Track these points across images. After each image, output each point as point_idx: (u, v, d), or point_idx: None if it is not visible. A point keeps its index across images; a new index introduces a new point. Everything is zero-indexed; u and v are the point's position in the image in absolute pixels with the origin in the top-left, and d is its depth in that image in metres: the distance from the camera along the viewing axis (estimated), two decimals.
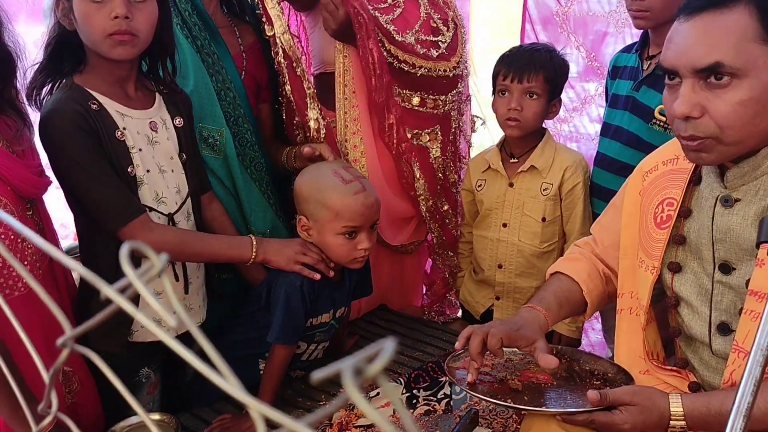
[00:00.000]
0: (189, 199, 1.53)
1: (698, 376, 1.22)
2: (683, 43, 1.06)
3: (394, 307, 2.11)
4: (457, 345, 1.26)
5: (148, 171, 1.43)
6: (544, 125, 1.90)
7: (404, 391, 1.64)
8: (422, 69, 1.81)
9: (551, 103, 1.82)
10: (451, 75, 1.88)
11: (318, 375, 0.32)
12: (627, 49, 1.91)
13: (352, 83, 1.82)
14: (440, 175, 1.97)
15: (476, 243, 1.98)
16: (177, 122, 1.50)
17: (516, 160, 1.88)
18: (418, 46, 1.82)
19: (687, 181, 1.21)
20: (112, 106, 1.38)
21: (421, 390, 1.66)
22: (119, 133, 1.38)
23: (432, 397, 1.64)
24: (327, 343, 1.69)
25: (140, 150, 1.41)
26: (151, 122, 1.45)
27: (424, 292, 2.23)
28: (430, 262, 2.19)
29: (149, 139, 1.44)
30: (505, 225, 1.88)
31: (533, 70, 1.77)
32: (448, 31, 1.90)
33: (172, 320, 0.38)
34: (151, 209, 1.44)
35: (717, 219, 1.14)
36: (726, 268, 1.14)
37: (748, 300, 1.07)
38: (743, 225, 1.10)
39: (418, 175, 1.90)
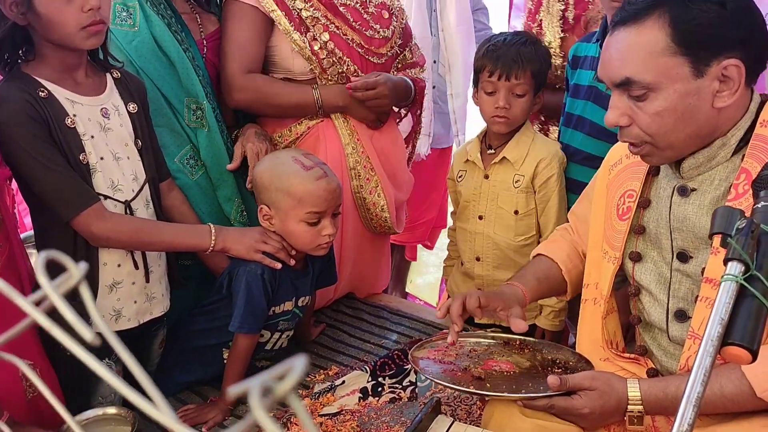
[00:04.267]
0: (147, 186, 1.50)
1: (657, 362, 1.23)
2: (605, 57, 1.11)
3: (362, 295, 2.10)
4: (438, 315, 1.32)
5: (101, 158, 1.40)
6: None
7: (370, 379, 1.64)
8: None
9: (536, 96, 1.79)
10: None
11: (233, 391, 0.31)
12: (587, 39, 1.89)
13: None
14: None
15: (458, 234, 1.96)
16: (131, 108, 1.47)
17: (493, 152, 1.84)
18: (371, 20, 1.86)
19: (646, 173, 1.22)
20: (61, 94, 1.35)
21: (387, 378, 1.65)
22: (69, 120, 1.35)
23: (397, 385, 1.63)
24: (291, 332, 1.68)
25: (92, 137, 1.38)
26: (102, 108, 1.41)
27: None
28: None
29: (101, 125, 1.40)
30: (481, 217, 1.85)
31: (521, 67, 1.71)
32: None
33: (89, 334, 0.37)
34: (107, 197, 1.41)
35: (674, 208, 1.15)
36: (683, 257, 1.15)
37: (704, 287, 1.08)
38: (699, 214, 1.12)
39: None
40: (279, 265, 1.49)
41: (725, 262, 0.78)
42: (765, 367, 1.00)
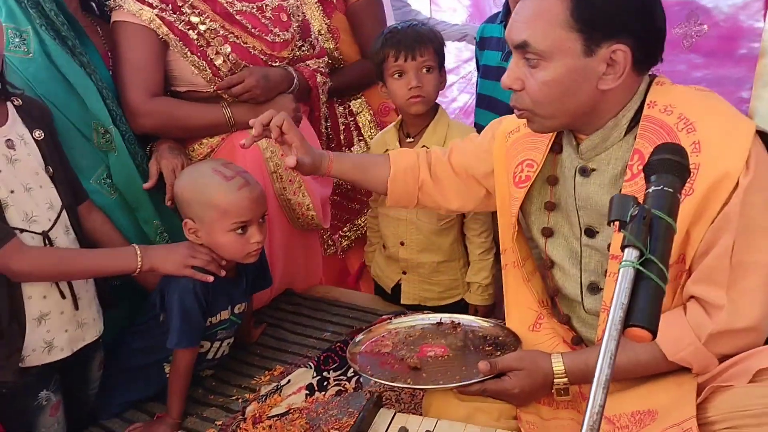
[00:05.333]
0: (64, 213, 1.46)
1: (577, 331, 1.31)
2: (512, 20, 1.16)
3: (299, 289, 2.12)
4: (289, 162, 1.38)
5: (12, 192, 1.36)
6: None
7: (315, 375, 1.67)
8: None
9: (440, 72, 1.84)
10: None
11: None
12: (491, 20, 1.94)
13: None
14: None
15: (381, 221, 2.00)
16: (37, 135, 1.42)
17: (412, 140, 1.88)
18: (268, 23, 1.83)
19: (548, 146, 1.28)
20: None
21: (331, 371, 1.69)
22: None
23: (342, 377, 1.67)
24: (232, 339, 1.68)
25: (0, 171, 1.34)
26: (7, 140, 1.37)
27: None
28: None
29: (8, 158, 1.36)
30: None
31: (424, 44, 1.77)
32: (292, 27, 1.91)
33: None
34: (23, 230, 1.37)
35: (578, 188, 1.22)
36: (590, 232, 1.23)
37: (611, 263, 1.16)
38: (600, 193, 1.19)
39: None
40: (211, 279, 1.49)
41: (622, 248, 0.83)
42: (674, 333, 1.09)
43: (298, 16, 1.94)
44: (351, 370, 1.68)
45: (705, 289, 1.08)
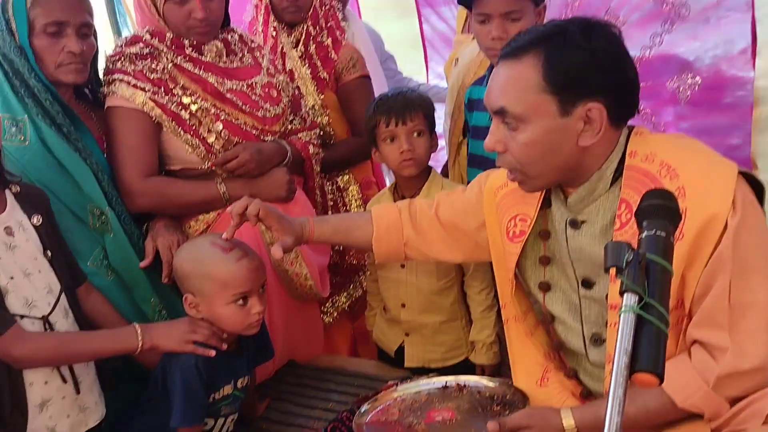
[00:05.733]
0: (63, 296, 1.46)
1: (585, 384, 1.30)
2: (489, 87, 1.21)
3: (302, 360, 2.09)
4: (226, 235, 1.48)
5: (11, 278, 1.36)
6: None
7: None
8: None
9: (431, 136, 1.89)
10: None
11: None
12: (479, 82, 2.00)
13: None
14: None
15: (381, 283, 2.00)
16: (35, 221, 1.44)
17: None
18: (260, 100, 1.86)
19: (539, 200, 1.30)
20: None
21: None
22: None
23: None
24: (236, 415, 1.65)
25: None
26: (6, 228, 1.38)
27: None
28: None
29: (7, 245, 1.37)
30: (402, 266, 1.91)
31: (413, 109, 1.83)
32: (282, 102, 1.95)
33: None
34: (23, 316, 1.37)
35: (570, 240, 1.23)
36: (587, 284, 1.23)
37: (611, 314, 1.16)
38: (592, 244, 1.20)
39: None
40: (212, 353, 1.48)
41: (621, 294, 0.84)
42: (681, 379, 1.08)
43: (288, 91, 1.99)
44: None
45: (707, 332, 1.08)
